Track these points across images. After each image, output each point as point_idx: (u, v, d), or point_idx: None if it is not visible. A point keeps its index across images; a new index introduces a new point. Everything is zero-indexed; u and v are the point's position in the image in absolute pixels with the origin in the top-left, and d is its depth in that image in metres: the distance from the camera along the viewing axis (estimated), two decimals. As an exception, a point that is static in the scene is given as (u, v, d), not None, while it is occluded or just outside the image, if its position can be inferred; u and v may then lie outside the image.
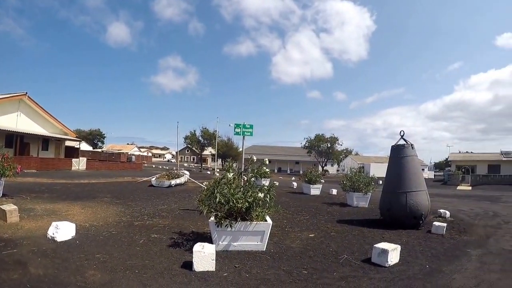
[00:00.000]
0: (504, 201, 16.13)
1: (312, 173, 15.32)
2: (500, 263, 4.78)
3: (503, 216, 9.86)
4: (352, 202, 11.20)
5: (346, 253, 5.15)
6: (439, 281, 4.00)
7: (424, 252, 5.38)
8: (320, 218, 8.58)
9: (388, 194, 7.64)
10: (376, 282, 3.89)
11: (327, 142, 53.06)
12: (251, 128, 12.20)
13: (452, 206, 12.28)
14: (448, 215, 9.04)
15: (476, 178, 35.94)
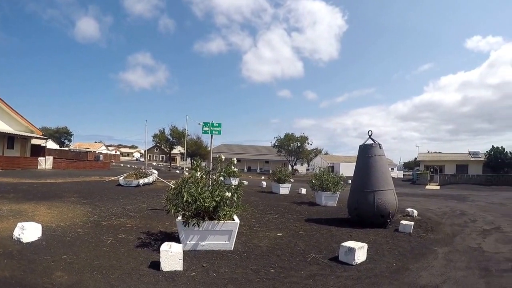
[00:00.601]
0: (472, 200, 19.47)
1: (281, 172, 17.98)
2: (466, 261, 6.04)
3: (470, 215, 12.08)
4: (320, 201, 13.23)
5: (313, 252, 6.16)
6: (406, 278, 4.99)
7: (391, 250, 6.56)
8: (288, 217, 9.97)
9: (356, 193, 9.11)
10: (343, 280, 4.75)
11: (297, 141, 63.70)
12: (219, 126, 14.22)
13: (420, 205, 14.59)
14: (415, 214, 10.81)
15: (445, 177, 42.67)
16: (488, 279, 5.06)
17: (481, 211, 13.43)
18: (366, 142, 9.54)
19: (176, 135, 53.19)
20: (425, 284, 4.75)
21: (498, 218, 11.47)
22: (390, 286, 4.64)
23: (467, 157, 49.00)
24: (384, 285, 4.64)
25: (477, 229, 9.26)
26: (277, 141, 64.36)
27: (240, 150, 76.73)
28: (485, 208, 14.83)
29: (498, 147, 43.76)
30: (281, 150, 64.56)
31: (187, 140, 50.69)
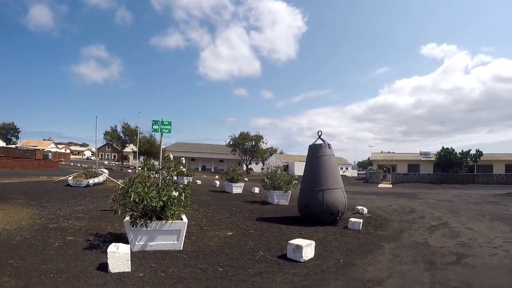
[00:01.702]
0: (422, 197, 20.76)
1: (234, 172, 18.36)
2: (412, 255, 6.41)
3: (418, 212, 12.84)
4: (273, 200, 13.65)
5: (262, 250, 6.34)
6: (352, 274, 5.22)
7: (339, 247, 6.85)
8: (240, 216, 10.18)
9: (306, 192, 9.47)
10: (290, 277, 4.92)
11: (252, 141, 65.73)
12: (169, 125, 14.82)
13: (371, 203, 15.40)
14: (365, 211, 11.30)
15: (397, 176, 45.34)
16: (433, 272, 5.39)
17: (430, 208, 14.30)
18: (316, 142, 9.96)
19: (129, 132, 52.65)
20: (370, 279, 4.98)
21: (446, 214, 12.25)
22: (337, 281, 4.82)
23: (418, 157, 52.53)
24: (330, 281, 4.83)
25: (424, 225, 9.85)
26: (232, 140, 65.43)
27: (195, 149, 77.79)
28: (434, 205, 15.81)
29: (448, 148, 47.08)
30: (235, 149, 65.62)
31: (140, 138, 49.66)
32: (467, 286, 4.76)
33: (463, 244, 7.48)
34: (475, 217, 11.69)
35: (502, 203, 17.51)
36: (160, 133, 15.19)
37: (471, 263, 5.96)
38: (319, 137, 9.95)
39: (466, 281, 4.94)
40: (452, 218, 11.27)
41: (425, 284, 4.79)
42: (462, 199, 19.90)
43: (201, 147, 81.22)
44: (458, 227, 9.58)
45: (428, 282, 4.88)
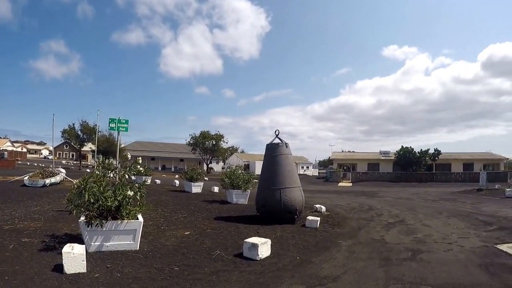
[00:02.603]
0: (381, 196, 21.47)
1: (194, 171, 18.44)
2: (367, 252, 6.61)
3: (376, 210, 13.26)
4: (231, 199, 13.77)
5: (219, 249, 6.38)
6: (308, 271, 5.33)
7: (296, 245, 6.95)
8: (198, 215, 10.19)
9: (263, 191, 9.63)
10: (246, 275, 4.99)
11: (212, 140, 65.79)
12: (127, 123, 15.08)
13: (330, 202, 15.76)
14: (324, 209, 11.49)
15: (357, 175, 47.13)
16: (388, 268, 5.57)
17: (388, 206, 14.81)
18: (273, 141, 10.12)
19: (87, 131, 51.46)
20: (326, 275, 5.09)
21: (403, 212, 12.73)
22: (292, 279, 4.92)
23: (378, 156, 55.00)
24: (286, 278, 4.92)
25: (382, 223, 10.19)
26: (192, 139, 65.33)
27: (155, 148, 77.36)
28: (392, 203, 16.39)
29: (407, 147, 49.38)
30: (196, 148, 65.63)
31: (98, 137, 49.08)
32: (421, 281, 4.91)
33: (419, 240, 7.77)
34: (432, 214, 12.18)
35: (459, 200, 18.39)
36: (117, 132, 15.30)
37: (426, 258, 6.18)
38: (277, 136, 10.11)
39: (420, 276, 5.11)
40: (410, 216, 11.71)
41: (380, 280, 4.92)
42: (420, 197, 20.74)
43: (161, 146, 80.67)
44: (415, 224, 9.96)
45: (383, 278, 5.02)
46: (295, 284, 4.69)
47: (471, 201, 17.78)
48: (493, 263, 5.91)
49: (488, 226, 9.63)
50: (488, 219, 10.91)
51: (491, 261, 6.01)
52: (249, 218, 9.97)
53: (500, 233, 8.68)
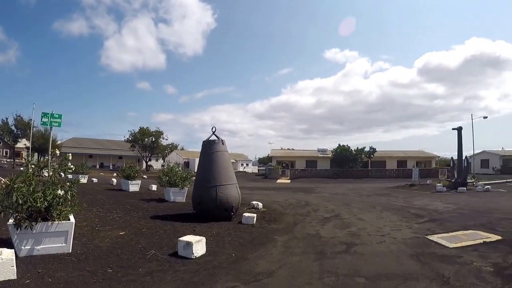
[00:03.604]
0: (318, 192, 22.15)
1: (131, 168, 18.13)
2: (303, 247, 6.73)
3: (313, 205, 13.59)
4: (169, 197, 13.66)
5: (154, 249, 6.23)
6: (243, 267, 5.32)
7: (232, 242, 6.93)
8: (134, 215, 9.93)
9: (200, 188, 9.56)
10: (181, 274, 4.92)
11: (152, 136, 65.23)
12: (60, 118, 14.79)
13: (268, 198, 15.99)
14: (260, 206, 11.58)
15: (295, 172, 48.47)
16: (322, 261, 5.69)
17: (325, 201, 15.25)
18: (209, 138, 10.12)
19: (22, 126, 48.74)
20: (261, 271, 5.11)
21: (339, 207, 13.14)
22: (227, 276, 4.90)
23: (316, 154, 57.00)
24: (221, 276, 4.89)
25: (318, 218, 10.45)
26: (131, 135, 63.88)
27: (93, 145, 74.78)
28: (329, 199, 16.93)
29: (344, 145, 51.69)
30: (135, 145, 64.32)
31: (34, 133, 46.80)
32: (355, 273, 5.06)
33: (353, 233, 8.03)
34: (366, 208, 12.70)
35: (392, 195, 19.42)
36: (50, 127, 14.95)
37: (359, 251, 6.39)
38: (213, 133, 10.13)
39: (354, 268, 5.26)
40: (345, 210, 12.12)
41: (314, 274, 5.01)
42: (356, 192, 21.57)
43: (99, 143, 78.01)
44: (350, 218, 10.31)
45: (317, 272, 5.11)
46: (230, 282, 4.67)
47: (404, 196, 18.81)
48: (423, 253, 6.22)
49: (420, 219, 10.16)
50: (419, 212, 11.54)
51: (422, 251, 6.32)
52: (186, 216, 9.84)
53: (431, 224, 9.19)
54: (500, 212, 11.10)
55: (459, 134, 24.41)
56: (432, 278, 4.83)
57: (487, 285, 4.54)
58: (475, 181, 24.98)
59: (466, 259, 5.78)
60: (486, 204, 14.00)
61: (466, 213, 11.25)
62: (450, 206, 13.27)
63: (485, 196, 18.22)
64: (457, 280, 4.70)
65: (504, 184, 26.71)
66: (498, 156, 55.73)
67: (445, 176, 32.18)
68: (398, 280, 4.76)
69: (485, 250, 6.38)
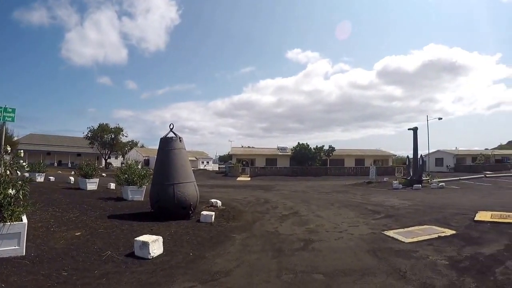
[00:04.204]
0: (277, 189, 22.36)
1: (88, 166, 17.62)
2: (261, 244, 6.74)
3: (272, 203, 13.70)
4: (127, 196, 13.35)
5: (110, 250, 6.07)
6: (201, 267, 5.26)
7: (190, 241, 6.86)
8: (91, 214, 9.63)
9: (157, 186, 9.44)
10: (137, 275, 4.81)
11: (111, 133, 63.49)
12: (13, 112, 14.54)
13: (228, 196, 16.00)
14: (219, 204, 11.51)
15: (255, 170, 48.87)
16: (280, 259, 5.71)
17: (284, 199, 15.38)
18: (167, 135, 10.01)
19: None
20: (219, 270, 5.07)
21: (298, 204, 13.29)
22: (185, 276, 4.84)
23: (276, 152, 57.67)
24: (178, 276, 4.83)
25: (276, 215, 10.52)
26: (90, 132, 62.64)
27: (51, 142, 72.18)
28: (288, 196, 17.08)
29: (303, 144, 52.39)
30: (94, 142, 63.08)
31: None
32: (313, 269, 5.10)
33: (311, 230, 8.12)
34: (324, 206, 12.89)
35: (350, 192, 19.85)
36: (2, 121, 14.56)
37: (317, 247, 6.46)
38: (171, 130, 10.03)
39: (312, 265, 5.31)
40: (303, 207, 12.26)
41: (272, 271, 5.01)
42: (314, 190, 21.93)
43: (57, 140, 75.38)
44: (308, 215, 10.43)
45: (275, 269, 5.12)
46: (187, 282, 4.61)
47: (362, 193, 19.27)
48: (380, 248, 6.36)
49: (376, 215, 10.41)
50: (376, 208, 11.82)
51: (379, 246, 6.46)
52: (144, 215, 9.68)
53: (387, 220, 9.43)
54: (454, 208, 11.54)
55: (415, 134, 25.39)
56: (389, 272, 4.93)
57: (442, 278, 4.69)
58: (430, 178, 26.08)
59: (422, 253, 5.95)
60: (440, 200, 14.60)
61: (421, 209, 11.62)
62: (406, 202, 13.69)
63: (439, 192, 19.10)
64: (414, 274, 4.83)
65: (457, 181, 28.15)
66: (452, 155, 58.81)
67: (401, 174, 33.16)
68: (356, 275, 4.83)
69: (440, 244, 6.61)
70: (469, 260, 5.51)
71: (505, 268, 5.08)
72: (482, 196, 16.77)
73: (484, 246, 6.36)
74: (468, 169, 49.17)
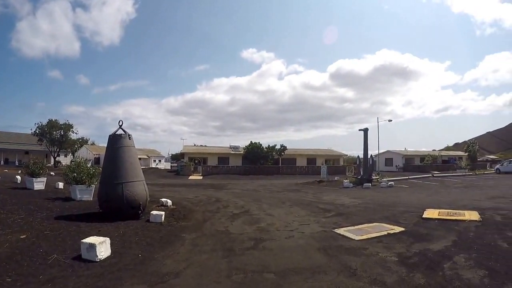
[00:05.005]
0: (229, 188, 22.40)
1: (35, 165, 16.89)
2: (211, 244, 6.70)
3: (223, 201, 13.71)
4: (75, 196, 12.92)
5: (57, 253, 5.79)
6: (150, 268, 5.15)
7: (139, 242, 6.71)
8: (37, 216, 9.21)
9: (106, 185, 9.20)
10: (84, 279, 4.63)
11: (61, 130, 61.35)
12: None
13: (179, 195, 15.91)
14: (170, 203, 11.39)
15: (207, 168, 48.64)
16: (231, 258, 5.69)
17: (235, 198, 15.41)
18: (116, 132, 9.76)
19: None
20: (168, 272, 4.98)
21: (249, 203, 13.36)
22: (133, 278, 4.73)
23: (228, 151, 57.76)
24: (126, 279, 4.72)
25: (227, 214, 10.53)
26: (39, 128, 60.04)
27: None
28: (239, 195, 17.15)
29: (256, 142, 52.93)
30: (42, 139, 60.60)
31: None
32: (263, 269, 5.11)
33: (262, 229, 8.18)
34: (276, 204, 13.04)
35: (302, 191, 20.13)
36: None
37: (268, 246, 6.50)
38: (120, 127, 9.77)
39: (262, 264, 5.32)
40: (255, 206, 12.34)
41: (223, 272, 4.98)
42: (266, 189, 22.11)
43: (3, 136, 70.80)
44: (259, 214, 10.50)
45: (226, 269, 5.10)
46: (136, 284, 4.51)
47: (313, 192, 19.59)
48: (331, 246, 6.48)
49: (327, 213, 10.62)
50: (327, 207, 12.06)
51: (329, 244, 6.58)
52: (92, 215, 9.39)
53: (338, 218, 9.65)
54: (403, 206, 12.01)
55: (365, 135, 26.24)
56: (340, 270, 5.02)
57: (392, 274, 4.82)
58: (380, 177, 27.06)
59: (372, 250, 6.12)
60: (390, 198, 15.16)
61: (371, 207, 11.98)
62: (356, 201, 14.09)
63: (388, 191, 19.85)
64: (364, 271, 4.94)
65: (406, 180, 29.28)
66: (401, 156, 61.76)
67: (352, 173, 34.21)
68: (307, 274, 4.88)
69: (390, 241, 6.84)
70: (418, 256, 5.71)
71: (453, 263, 5.31)
72: (430, 194, 17.58)
73: (432, 243, 6.64)
74: (417, 169, 51.61)
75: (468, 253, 5.83)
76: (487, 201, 13.34)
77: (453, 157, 67.58)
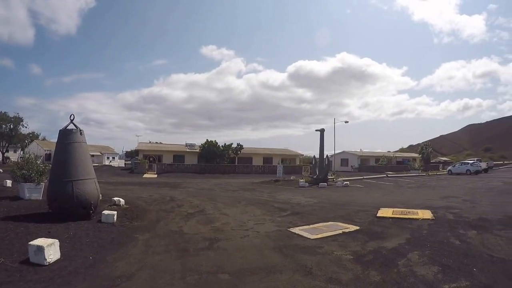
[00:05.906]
0: (184, 187, 22.23)
1: None
2: (165, 244, 6.63)
3: (178, 201, 13.58)
4: (24, 195, 12.24)
5: (3, 256, 5.48)
6: (101, 271, 5.01)
7: (90, 244, 6.49)
8: None
9: (55, 184, 8.75)
10: (33, 285, 4.45)
11: (10, 123, 59.43)
12: None
13: (132, 194, 15.57)
14: (122, 202, 11.07)
15: (162, 166, 47.94)
16: (185, 259, 5.66)
17: (190, 197, 15.30)
18: (67, 126, 9.37)
19: None
20: (120, 275, 4.88)
21: (204, 202, 13.30)
22: (84, 282, 4.61)
23: (184, 148, 57.31)
24: (77, 283, 4.59)
25: (182, 213, 10.43)
26: None
27: None
28: (194, 194, 17.05)
29: (212, 141, 52.72)
30: None
31: None
32: (218, 269, 5.11)
33: (217, 229, 8.16)
34: (231, 203, 13.07)
35: (257, 190, 20.27)
36: None
37: (223, 246, 6.50)
38: (71, 121, 9.39)
39: (217, 265, 5.32)
40: (210, 205, 12.30)
41: (176, 273, 4.95)
42: (222, 188, 22.06)
43: None
44: (214, 213, 10.49)
45: (180, 271, 5.06)
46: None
47: (269, 191, 19.76)
48: (286, 245, 6.57)
49: (283, 212, 10.75)
50: (282, 206, 12.20)
51: (285, 244, 6.67)
52: (42, 215, 8.92)
53: (293, 217, 9.79)
54: (357, 205, 12.35)
55: (321, 135, 26.72)
56: (295, 269, 5.10)
57: (348, 272, 4.95)
58: (335, 177, 27.73)
59: (327, 249, 6.26)
60: (345, 198, 15.55)
61: (326, 206, 12.23)
62: (311, 200, 14.35)
63: (344, 191, 20.36)
64: (319, 270, 5.04)
65: (361, 180, 30.08)
66: (356, 156, 63.82)
67: (308, 172, 34.71)
68: (262, 273, 4.92)
69: (345, 239, 7.02)
70: (373, 254, 5.90)
71: (407, 260, 5.52)
72: (384, 194, 18.16)
73: (387, 241, 6.88)
74: (372, 169, 53.25)
75: (421, 250, 6.08)
76: (440, 201, 13.97)
77: (407, 159, 70.05)
